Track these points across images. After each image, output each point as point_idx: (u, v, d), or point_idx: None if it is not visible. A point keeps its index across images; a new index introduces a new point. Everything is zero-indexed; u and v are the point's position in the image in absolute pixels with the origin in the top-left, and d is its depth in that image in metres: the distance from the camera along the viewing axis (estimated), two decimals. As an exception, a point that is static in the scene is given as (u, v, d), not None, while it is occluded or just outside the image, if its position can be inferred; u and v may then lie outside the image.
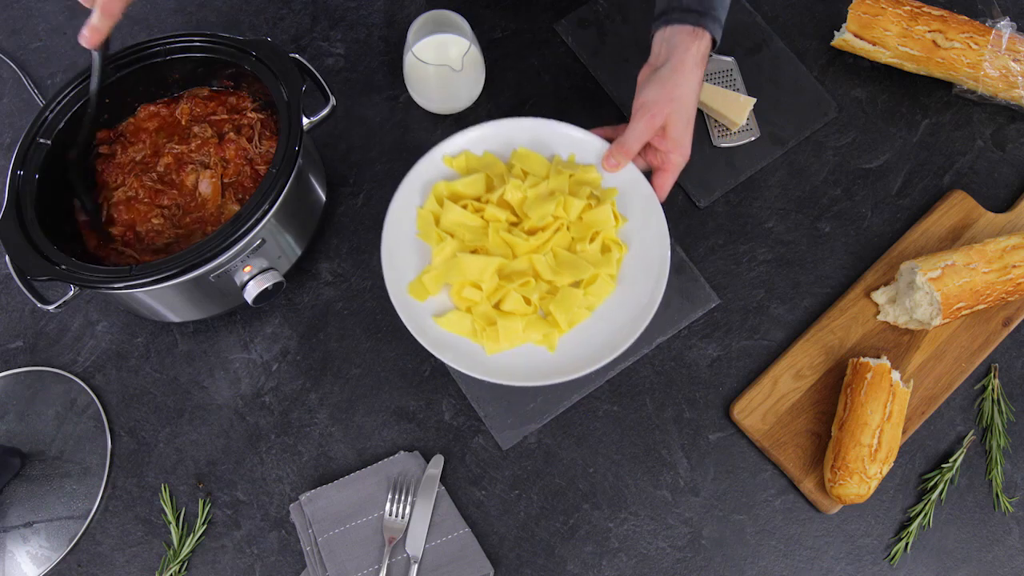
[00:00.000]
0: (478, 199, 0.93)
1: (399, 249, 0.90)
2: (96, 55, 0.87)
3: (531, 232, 0.91)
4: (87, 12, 0.83)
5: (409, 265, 0.90)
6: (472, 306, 0.88)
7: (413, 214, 0.92)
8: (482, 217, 0.91)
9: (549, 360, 0.87)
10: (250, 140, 0.96)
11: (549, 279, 0.89)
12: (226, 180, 0.95)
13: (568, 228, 0.91)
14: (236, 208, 0.94)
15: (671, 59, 0.87)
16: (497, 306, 0.88)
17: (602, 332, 0.87)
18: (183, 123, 0.99)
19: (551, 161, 0.94)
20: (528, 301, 0.88)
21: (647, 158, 0.92)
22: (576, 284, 0.89)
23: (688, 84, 0.87)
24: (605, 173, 0.93)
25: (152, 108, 0.99)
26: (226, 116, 0.98)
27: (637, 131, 0.87)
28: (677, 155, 0.89)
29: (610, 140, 0.92)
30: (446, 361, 0.85)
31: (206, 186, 0.95)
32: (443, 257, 0.89)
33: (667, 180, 0.91)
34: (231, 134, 0.96)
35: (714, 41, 0.88)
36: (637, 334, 0.85)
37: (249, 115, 0.98)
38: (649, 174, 0.92)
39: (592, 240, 0.90)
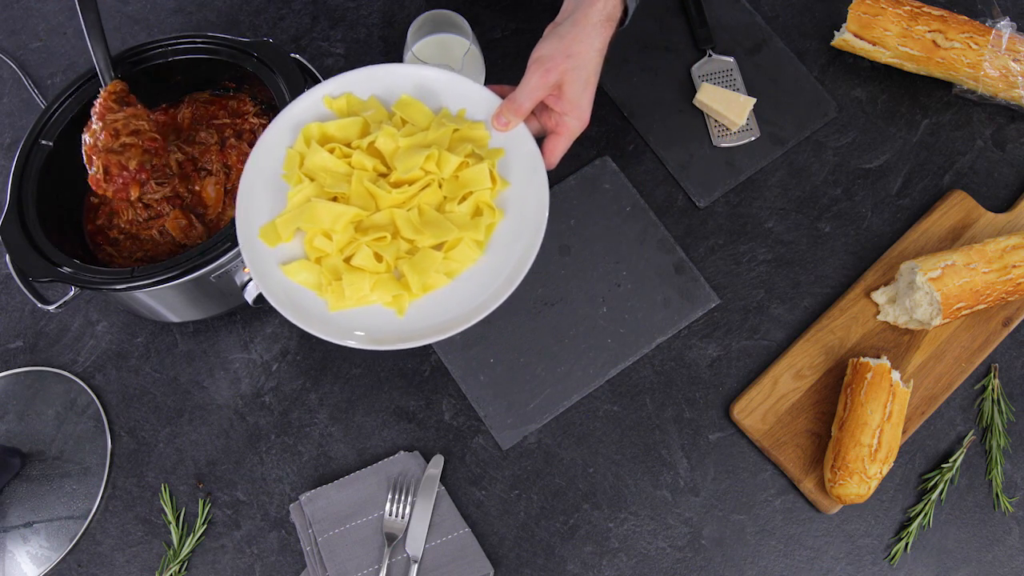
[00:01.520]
0: (349, 144, 0.84)
1: (259, 191, 0.82)
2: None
3: (397, 185, 0.82)
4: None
5: (266, 209, 0.82)
6: (323, 257, 0.81)
7: (283, 154, 0.84)
8: (349, 163, 0.83)
9: (396, 325, 0.79)
10: (251, 145, 0.96)
11: (410, 238, 0.81)
12: (228, 187, 0.96)
13: (441, 186, 0.83)
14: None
15: (574, 14, 0.81)
16: (348, 260, 0.81)
17: (459, 302, 0.80)
18: (185, 126, 0.99)
19: (438, 113, 0.86)
20: (380, 258, 0.80)
21: (542, 120, 0.85)
22: (439, 247, 0.81)
23: (588, 41, 0.80)
24: (495, 132, 0.85)
25: (152, 116, 0.99)
26: (228, 120, 0.98)
27: (529, 87, 0.80)
28: (573, 118, 0.82)
29: (504, 98, 0.84)
30: (284, 314, 0.78)
31: (211, 191, 0.95)
32: (298, 201, 0.82)
33: (559, 145, 0.83)
34: (232, 139, 0.97)
35: (626, 9, 0.83)
36: (490, 310, 0.78)
37: (251, 120, 0.98)
38: (543, 140, 0.85)
39: (463, 201, 0.82)
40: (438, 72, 0.87)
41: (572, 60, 0.80)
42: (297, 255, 0.82)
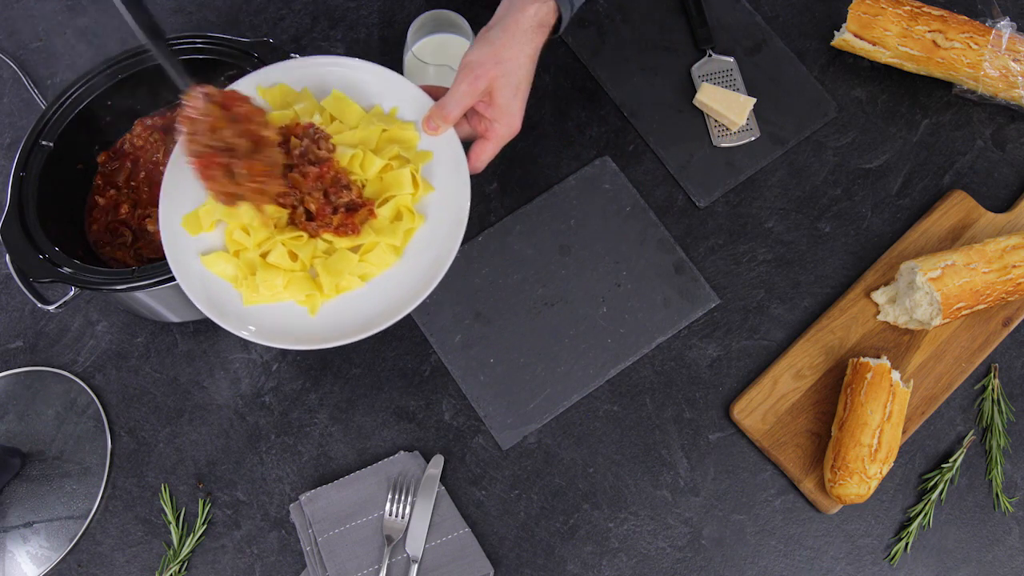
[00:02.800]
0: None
1: (185, 179, 0.80)
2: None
3: None
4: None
5: (192, 197, 0.82)
6: (241, 251, 0.81)
7: None
8: None
9: (307, 324, 0.79)
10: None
11: (328, 238, 0.81)
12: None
13: (363, 187, 0.82)
14: None
15: (504, 19, 0.80)
16: (265, 256, 0.80)
17: (372, 305, 0.80)
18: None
19: (369, 111, 0.85)
20: (295, 257, 0.80)
21: (472, 124, 0.84)
22: (355, 249, 0.81)
23: (518, 46, 0.79)
24: (424, 135, 0.84)
25: (148, 121, 0.99)
26: None
27: (458, 94, 0.79)
28: (502, 125, 0.81)
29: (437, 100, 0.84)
30: (201, 308, 0.78)
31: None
32: None
33: (487, 150, 0.82)
34: None
35: (560, 18, 0.81)
36: (401, 315, 0.78)
37: None
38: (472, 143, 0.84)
39: (383, 204, 0.81)
40: (373, 68, 0.85)
41: (502, 66, 0.79)
42: (218, 246, 0.82)
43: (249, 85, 0.85)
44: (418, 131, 0.84)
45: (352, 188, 0.81)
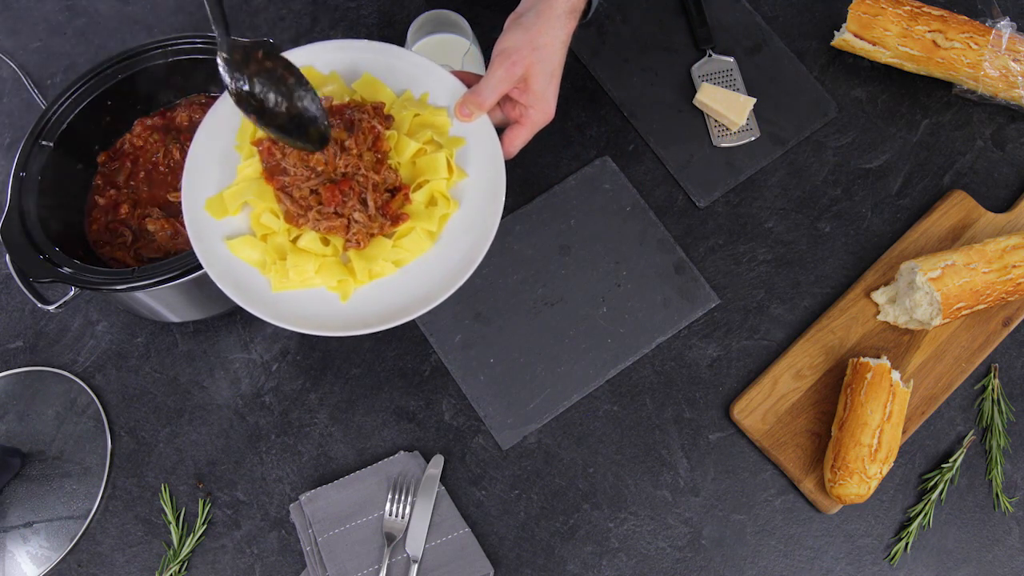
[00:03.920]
0: None
1: (209, 161, 0.80)
2: None
3: None
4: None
5: (215, 181, 0.80)
6: (269, 235, 0.78)
7: (235, 124, 0.81)
8: None
9: (339, 311, 0.77)
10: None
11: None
12: None
13: (397, 171, 0.81)
14: None
15: (538, 5, 0.79)
16: (295, 241, 0.78)
17: (406, 292, 0.78)
18: (183, 129, 0.99)
19: (399, 96, 0.84)
20: (327, 242, 0.78)
21: (505, 111, 0.83)
22: (389, 234, 0.79)
23: (553, 32, 0.79)
24: (456, 121, 0.82)
25: (149, 121, 0.99)
26: None
27: (494, 80, 0.78)
28: (537, 111, 0.81)
29: (470, 87, 0.83)
30: (224, 290, 0.76)
31: None
32: (248, 174, 0.79)
33: (520, 135, 0.82)
34: None
35: (590, 2, 0.82)
36: (437, 302, 0.76)
37: None
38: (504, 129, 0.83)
39: (418, 189, 0.80)
40: (405, 53, 0.84)
41: (538, 52, 0.78)
42: (243, 230, 0.79)
43: None
44: (450, 117, 0.82)
45: (392, 171, 0.80)
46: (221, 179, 0.80)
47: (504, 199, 0.79)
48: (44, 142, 0.92)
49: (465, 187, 0.81)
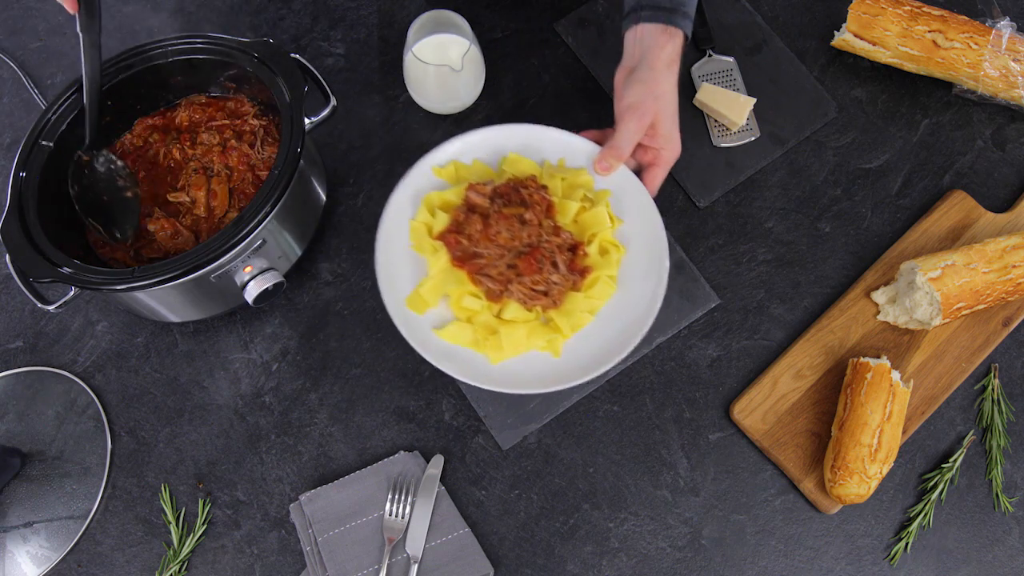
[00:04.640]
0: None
1: (394, 263, 0.88)
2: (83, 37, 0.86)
3: None
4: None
5: (405, 278, 0.88)
6: (472, 316, 0.87)
7: (405, 227, 0.90)
8: None
9: (554, 366, 0.86)
10: (252, 146, 0.96)
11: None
12: (231, 187, 0.96)
13: (571, 232, 0.90)
14: (235, 214, 0.94)
15: (646, 58, 0.88)
16: (498, 315, 0.87)
17: (605, 334, 0.87)
18: (183, 129, 0.99)
19: (541, 166, 0.93)
20: (529, 308, 0.87)
21: (636, 156, 0.92)
22: (576, 288, 0.89)
23: (668, 81, 0.88)
24: (596, 176, 0.92)
25: (149, 121, 0.99)
26: (226, 121, 0.98)
27: (629, 132, 0.87)
28: (668, 151, 0.90)
29: (599, 143, 0.92)
30: (452, 374, 0.84)
31: (216, 191, 0.95)
32: (439, 267, 0.88)
33: (658, 175, 0.91)
34: (232, 141, 0.97)
35: (686, 37, 0.89)
36: (642, 334, 0.84)
37: (251, 121, 0.98)
38: (638, 173, 0.92)
39: (590, 243, 0.89)
40: (533, 128, 0.92)
41: (659, 101, 0.87)
42: (444, 318, 0.88)
43: (423, 169, 0.91)
44: (590, 173, 0.92)
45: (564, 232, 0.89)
46: (413, 276, 0.89)
47: (665, 232, 0.88)
48: (44, 142, 0.91)
49: (625, 232, 0.91)
